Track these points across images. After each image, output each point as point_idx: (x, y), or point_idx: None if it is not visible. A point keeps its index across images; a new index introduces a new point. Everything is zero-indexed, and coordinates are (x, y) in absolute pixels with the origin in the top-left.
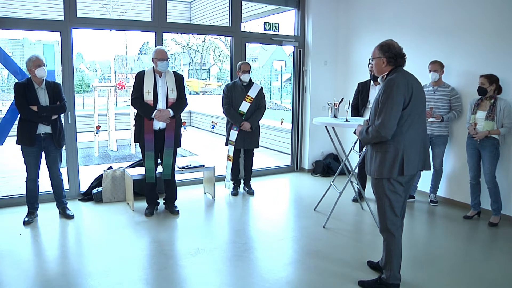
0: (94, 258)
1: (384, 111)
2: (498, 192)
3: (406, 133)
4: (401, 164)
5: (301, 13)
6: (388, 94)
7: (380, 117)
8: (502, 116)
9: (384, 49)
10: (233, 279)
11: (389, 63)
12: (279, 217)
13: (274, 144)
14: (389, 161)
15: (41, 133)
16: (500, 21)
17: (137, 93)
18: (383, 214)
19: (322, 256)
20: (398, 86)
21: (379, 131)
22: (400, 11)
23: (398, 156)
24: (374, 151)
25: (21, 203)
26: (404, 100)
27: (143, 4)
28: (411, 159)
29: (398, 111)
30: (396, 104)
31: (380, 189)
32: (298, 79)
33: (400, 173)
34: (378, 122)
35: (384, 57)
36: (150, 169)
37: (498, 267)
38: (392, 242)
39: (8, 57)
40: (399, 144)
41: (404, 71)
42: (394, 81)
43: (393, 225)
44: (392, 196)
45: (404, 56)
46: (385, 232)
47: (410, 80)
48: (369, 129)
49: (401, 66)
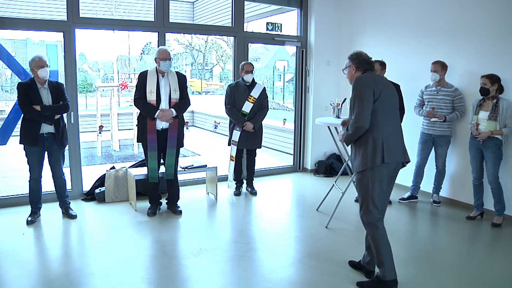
0: (96, 258)
1: (356, 105)
2: (501, 192)
3: (383, 126)
4: (382, 153)
5: (304, 13)
6: (356, 89)
7: (354, 111)
8: (504, 116)
9: (352, 58)
10: (235, 279)
11: (358, 69)
12: (282, 217)
13: (276, 144)
14: (370, 151)
15: (44, 133)
16: (503, 21)
17: (140, 93)
18: (365, 208)
19: (325, 257)
20: (363, 81)
21: (356, 122)
22: (402, 11)
23: (378, 145)
24: (356, 147)
25: (24, 202)
26: (374, 93)
27: (146, 4)
28: (391, 148)
29: (369, 102)
30: (365, 96)
31: (364, 181)
32: (301, 79)
33: (382, 161)
34: (354, 116)
35: (353, 64)
36: (153, 169)
37: (501, 268)
38: (376, 234)
39: (11, 57)
40: (378, 134)
41: (372, 73)
42: (359, 78)
43: (373, 218)
44: (376, 187)
45: (371, 62)
46: (367, 226)
47: (377, 78)
48: (348, 127)
49: (370, 70)
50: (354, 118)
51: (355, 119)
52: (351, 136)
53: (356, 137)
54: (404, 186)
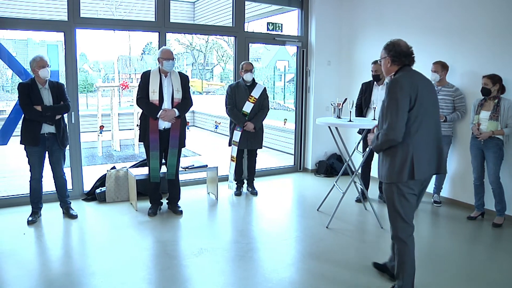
0: (97, 258)
1: (390, 113)
2: (502, 192)
3: (415, 135)
4: (411, 168)
5: (305, 13)
6: (392, 96)
7: (386, 120)
8: (506, 116)
9: (388, 48)
10: (236, 279)
11: (393, 62)
12: (282, 217)
13: (277, 144)
14: (398, 165)
15: (45, 133)
16: (504, 21)
17: (142, 92)
18: (393, 221)
19: (325, 257)
20: (401, 87)
21: (388, 134)
22: (403, 11)
23: (407, 159)
24: (384, 155)
25: (24, 202)
26: (410, 100)
27: (146, 4)
28: (421, 162)
29: (404, 112)
30: (401, 105)
31: (390, 194)
32: (302, 79)
33: (410, 177)
34: (386, 126)
35: (389, 57)
36: (155, 169)
37: (502, 268)
38: (404, 250)
39: (12, 57)
40: (408, 147)
41: (411, 70)
42: (396, 82)
43: (404, 233)
44: (402, 202)
45: (411, 54)
46: (396, 240)
47: (416, 79)
48: (379, 135)
49: (408, 65)
50: (386, 129)
51: (387, 130)
52: (380, 146)
53: (386, 148)
54: None
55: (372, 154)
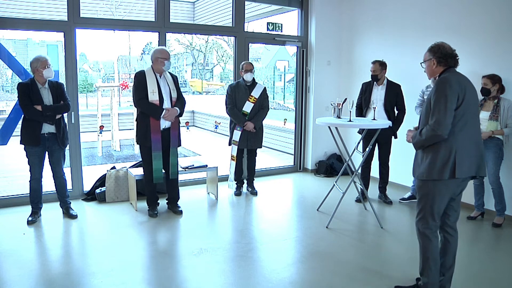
0: (97, 258)
1: (438, 109)
2: (502, 192)
3: (459, 135)
4: (452, 166)
5: (305, 13)
6: (441, 92)
7: (434, 116)
8: (506, 116)
9: (434, 50)
10: (236, 279)
11: (439, 63)
12: (282, 217)
13: (277, 144)
14: (440, 162)
15: (45, 133)
16: (503, 21)
17: (142, 93)
18: (421, 218)
19: (325, 257)
20: (450, 85)
21: (435, 129)
22: (403, 11)
23: (451, 157)
24: (425, 152)
25: (24, 202)
26: (458, 99)
27: (146, 4)
28: (463, 161)
29: (452, 109)
30: (450, 102)
31: (425, 191)
32: (301, 79)
33: (451, 175)
34: (433, 121)
35: (434, 58)
36: (158, 169)
37: (501, 268)
38: (428, 247)
39: (12, 57)
40: (451, 144)
41: (456, 72)
42: (446, 79)
43: (429, 229)
44: (437, 200)
45: (455, 56)
46: (422, 236)
47: (462, 81)
48: (423, 130)
49: (453, 67)
50: (434, 124)
51: (435, 125)
52: (424, 142)
53: (429, 144)
54: (404, 186)
55: (372, 154)
